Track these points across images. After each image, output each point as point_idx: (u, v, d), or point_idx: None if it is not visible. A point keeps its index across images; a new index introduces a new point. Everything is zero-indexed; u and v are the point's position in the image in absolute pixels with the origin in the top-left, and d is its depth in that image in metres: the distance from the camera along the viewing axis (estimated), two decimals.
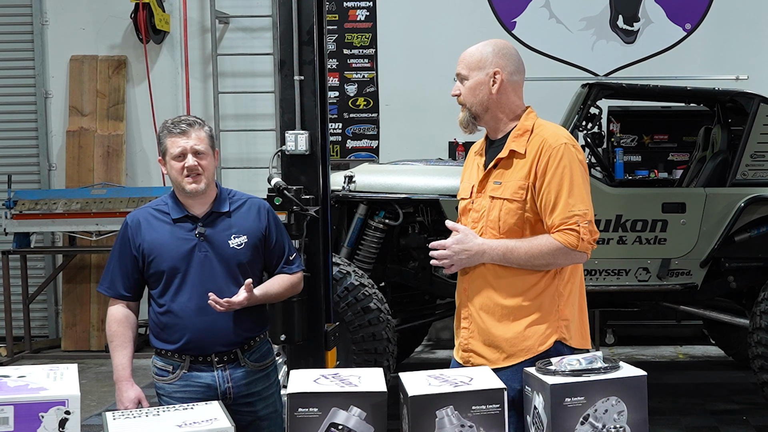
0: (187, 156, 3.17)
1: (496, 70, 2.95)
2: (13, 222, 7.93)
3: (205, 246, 3.20)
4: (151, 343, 3.25)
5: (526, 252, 2.85)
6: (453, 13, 8.46)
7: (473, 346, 2.97)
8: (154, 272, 3.22)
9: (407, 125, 8.55)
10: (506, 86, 2.98)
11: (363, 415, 2.23)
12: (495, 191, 2.94)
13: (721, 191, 5.84)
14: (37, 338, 8.59)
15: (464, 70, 2.99)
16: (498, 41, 3.04)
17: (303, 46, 4.44)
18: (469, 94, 2.98)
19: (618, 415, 2.26)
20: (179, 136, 3.19)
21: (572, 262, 2.89)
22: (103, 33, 8.72)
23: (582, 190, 2.88)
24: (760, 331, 5.56)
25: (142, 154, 8.75)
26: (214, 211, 3.26)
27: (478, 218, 2.97)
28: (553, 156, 2.86)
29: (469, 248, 2.90)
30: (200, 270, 3.19)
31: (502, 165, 2.95)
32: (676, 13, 8.37)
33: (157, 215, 3.26)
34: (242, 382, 3.24)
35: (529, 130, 2.95)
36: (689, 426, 5.75)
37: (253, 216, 3.31)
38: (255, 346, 3.31)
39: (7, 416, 2.06)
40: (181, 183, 3.19)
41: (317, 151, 4.47)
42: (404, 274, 6.15)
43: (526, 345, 2.88)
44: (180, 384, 3.21)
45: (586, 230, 2.84)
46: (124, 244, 3.25)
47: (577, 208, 2.84)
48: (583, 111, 5.85)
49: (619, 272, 5.82)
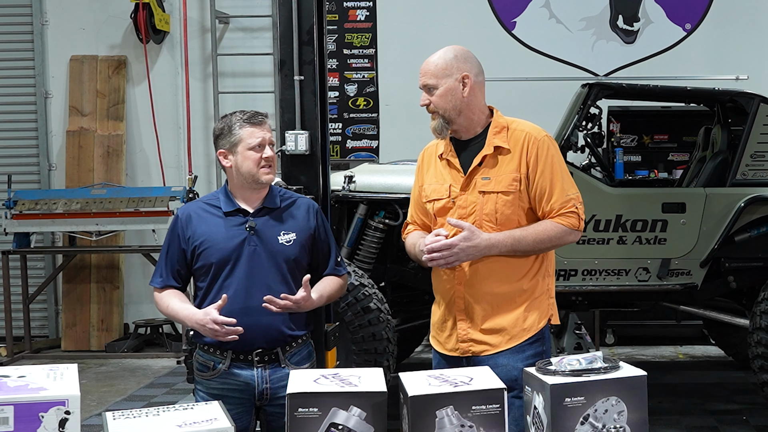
0: (266, 147, 3.22)
1: (465, 74, 3.10)
2: (13, 222, 7.94)
3: (255, 240, 3.20)
4: (195, 338, 3.28)
5: (533, 239, 3.03)
6: (453, 13, 8.47)
7: (473, 335, 3.09)
8: (202, 264, 3.22)
9: (407, 125, 8.54)
10: (474, 88, 3.12)
11: (363, 415, 2.23)
12: (485, 186, 3.06)
13: (721, 191, 5.84)
14: (37, 338, 8.60)
15: (432, 80, 3.13)
16: (456, 47, 3.19)
17: (303, 46, 4.43)
18: (441, 101, 3.12)
19: (618, 415, 2.26)
20: (258, 127, 3.23)
21: (572, 240, 3.12)
22: (103, 33, 8.72)
23: (569, 176, 3.13)
24: (760, 331, 5.56)
25: (142, 154, 8.75)
26: (265, 207, 3.27)
27: (468, 214, 3.07)
28: (541, 148, 3.07)
29: (477, 244, 2.99)
30: (248, 264, 3.19)
31: (487, 161, 3.08)
32: (676, 13, 8.37)
33: (209, 209, 3.27)
34: (281, 384, 3.19)
35: (505, 127, 3.12)
36: (689, 426, 5.75)
37: (302, 214, 3.31)
38: (297, 348, 3.28)
39: (7, 416, 2.06)
40: (257, 173, 3.22)
41: (317, 151, 4.47)
42: (404, 274, 6.15)
43: (528, 324, 3.08)
44: (219, 381, 3.22)
45: (581, 210, 3.10)
46: (173, 238, 3.28)
47: (570, 192, 3.08)
48: (583, 111, 5.85)
49: (619, 272, 5.82)
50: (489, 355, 3.05)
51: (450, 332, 3.13)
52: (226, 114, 3.37)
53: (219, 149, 3.29)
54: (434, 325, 3.22)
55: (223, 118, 3.35)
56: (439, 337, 3.19)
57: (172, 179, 8.51)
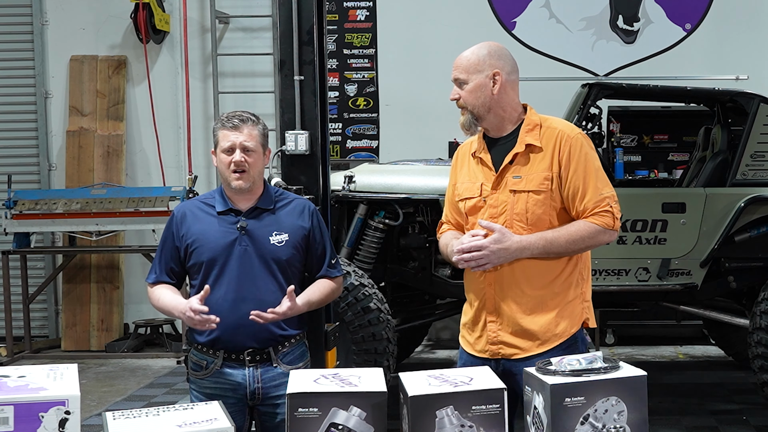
0: (236, 151, 3.20)
1: (495, 71, 3.03)
2: (13, 222, 7.94)
3: (246, 240, 3.21)
4: (190, 338, 3.29)
5: (566, 240, 2.96)
6: (453, 13, 8.47)
7: (503, 338, 3.03)
8: (194, 263, 3.24)
9: (407, 125, 8.55)
10: (505, 85, 3.04)
11: (363, 415, 2.23)
12: (516, 185, 3.00)
13: (721, 191, 5.84)
14: (37, 338, 8.59)
15: (462, 74, 3.05)
16: (491, 43, 3.11)
17: (303, 46, 4.43)
18: (470, 97, 3.04)
19: (618, 415, 2.26)
20: (231, 131, 3.23)
21: (608, 241, 3.03)
22: (103, 33, 8.72)
23: (604, 174, 3.04)
24: (760, 331, 5.56)
25: (142, 154, 8.75)
26: (258, 207, 3.27)
27: (498, 213, 3.01)
28: (573, 146, 2.99)
29: (508, 246, 2.94)
30: (239, 263, 3.20)
31: (518, 159, 3.02)
32: (676, 13, 8.37)
33: (204, 207, 3.29)
34: (272, 384, 3.22)
35: (538, 124, 3.05)
36: (689, 426, 5.75)
37: (297, 215, 3.31)
38: (289, 347, 3.28)
39: (7, 416, 2.06)
40: (228, 178, 3.23)
41: (317, 151, 4.47)
42: (404, 274, 6.15)
43: (559, 330, 3.01)
44: (211, 380, 3.23)
45: (617, 209, 3.00)
46: (168, 236, 3.30)
47: (605, 191, 2.99)
48: (583, 111, 5.85)
49: (619, 272, 5.82)
50: (519, 359, 2.99)
51: (480, 333, 3.08)
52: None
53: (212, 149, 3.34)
54: (464, 325, 3.17)
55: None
56: (469, 337, 3.13)
57: (172, 179, 8.51)
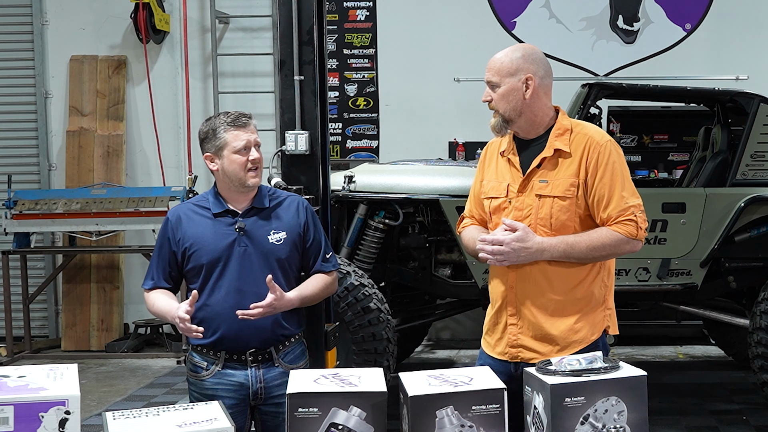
0: (251, 149, 3.21)
1: (528, 75, 2.98)
2: (13, 222, 7.93)
3: (245, 240, 3.21)
4: (189, 339, 3.26)
5: (587, 246, 2.94)
6: (453, 13, 8.47)
7: (523, 341, 3.01)
8: (193, 266, 3.22)
9: (407, 125, 8.55)
10: (538, 90, 3.00)
11: (363, 415, 2.23)
12: (542, 189, 2.97)
13: (721, 191, 5.84)
14: (37, 338, 8.59)
15: (495, 77, 3.01)
16: (526, 46, 3.07)
17: (303, 46, 4.44)
18: (502, 101, 3.00)
19: (618, 415, 2.26)
20: (242, 129, 3.22)
21: (631, 250, 3.00)
22: (103, 33, 8.72)
23: (631, 184, 3.00)
24: (760, 331, 5.56)
25: (142, 154, 8.75)
26: (254, 207, 3.26)
27: (523, 216, 2.99)
28: (602, 153, 2.95)
29: (529, 246, 2.92)
30: (239, 264, 3.19)
31: (546, 164, 2.99)
32: (676, 13, 8.37)
33: (198, 210, 3.27)
34: (274, 383, 3.22)
35: (569, 129, 3.01)
36: (689, 426, 5.75)
37: (292, 212, 3.31)
38: (290, 347, 3.29)
39: (7, 416, 2.06)
40: (244, 177, 3.21)
41: (317, 151, 4.47)
42: (404, 274, 6.15)
43: (579, 336, 2.99)
44: (213, 381, 3.22)
45: (642, 219, 2.96)
46: (163, 241, 3.28)
47: (631, 200, 2.95)
48: (583, 111, 5.84)
49: (619, 272, 5.81)
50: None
51: (500, 335, 3.07)
52: (210, 116, 3.34)
53: (205, 153, 3.28)
54: (486, 327, 3.16)
55: (207, 121, 3.31)
56: (490, 339, 3.12)
57: (172, 179, 8.51)
